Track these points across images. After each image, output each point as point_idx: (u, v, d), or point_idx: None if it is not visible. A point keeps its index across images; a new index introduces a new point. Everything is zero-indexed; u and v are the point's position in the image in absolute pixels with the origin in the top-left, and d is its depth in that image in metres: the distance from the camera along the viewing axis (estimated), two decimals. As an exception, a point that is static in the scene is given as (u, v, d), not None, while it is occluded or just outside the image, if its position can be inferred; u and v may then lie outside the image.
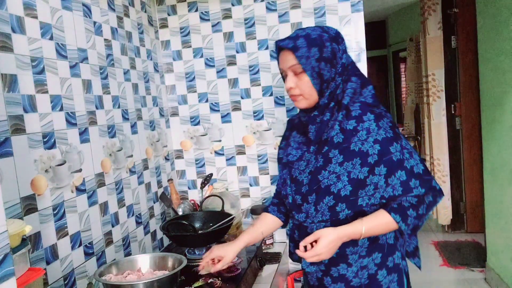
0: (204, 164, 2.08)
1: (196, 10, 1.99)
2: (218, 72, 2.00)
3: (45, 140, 1.16)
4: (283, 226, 1.36)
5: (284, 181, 1.23)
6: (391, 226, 1.08)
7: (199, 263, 1.32)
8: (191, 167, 2.09)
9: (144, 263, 1.28)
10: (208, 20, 1.98)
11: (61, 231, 1.21)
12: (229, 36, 1.97)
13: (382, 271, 1.14)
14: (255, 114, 1.99)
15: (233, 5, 1.94)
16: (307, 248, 1.08)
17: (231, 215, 1.58)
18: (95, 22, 1.45)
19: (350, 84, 1.14)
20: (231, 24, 1.96)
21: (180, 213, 1.81)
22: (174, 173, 2.09)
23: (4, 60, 1.03)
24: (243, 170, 2.04)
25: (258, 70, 1.96)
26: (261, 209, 1.89)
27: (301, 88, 1.12)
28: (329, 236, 1.06)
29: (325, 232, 1.07)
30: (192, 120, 2.06)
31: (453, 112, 3.64)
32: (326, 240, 1.05)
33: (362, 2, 1.81)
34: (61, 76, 1.25)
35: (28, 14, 1.12)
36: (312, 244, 1.08)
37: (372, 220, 1.08)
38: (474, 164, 3.55)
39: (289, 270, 1.98)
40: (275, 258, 1.74)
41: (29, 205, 1.08)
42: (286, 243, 1.98)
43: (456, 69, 3.58)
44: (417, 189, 1.07)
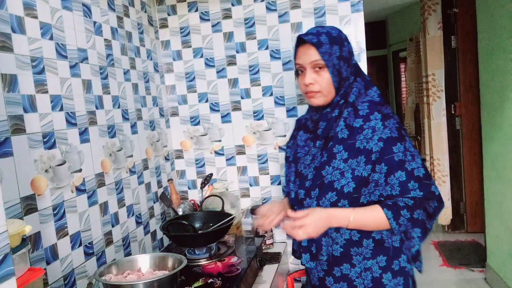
0: (204, 164, 2.08)
1: (196, 10, 1.99)
2: (218, 72, 2.00)
3: (45, 140, 1.16)
4: None
5: (289, 179, 1.25)
6: (382, 223, 1.08)
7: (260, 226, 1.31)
8: (191, 167, 2.09)
9: (144, 263, 1.28)
10: (208, 20, 1.98)
11: (61, 231, 1.21)
12: (229, 36, 1.97)
13: (387, 275, 1.13)
14: (255, 114, 1.99)
15: (233, 5, 1.94)
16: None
17: (231, 215, 1.58)
18: (95, 22, 1.45)
19: (356, 84, 1.17)
20: (231, 24, 1.96)
21: (180, 213, 1.81)
22: (174, 173, 2.09)
23: (4, 60, 1.03)
24: (243, 170, 2.04)
25: (258, 70, 1.96)
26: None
27: (321, 85, 1.14)
28: (319, 212, 1.08)
29: (315, 209, 1.09)
30: (192, 120, 2.06)
31: (453, 112, 3.64)
32: (315, 214, 1.07)
33: (362, 2, 1.81)
34: (61, 76, 1.25)
35: (28, 14, 1.12)
36: None
37: (363, 212, 1.09)
38: (474, 164, 3.55)
39: (289, 270, 1.98)
40: (275, 258, 1.74)
41: (29, 205, 1.08)
42: (286, 243, 1.99)
43: (456, 69, 3.58)
44: (415, 191, 1.07)
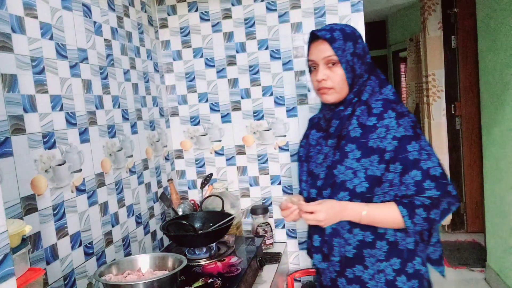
0: (204, 164, 2.08)
1: (196, 10, 1.99)
2: (218, 72, 2.00)
3: (45, 140, 1.16)
4: None
5: (301, 178, 1.24)
6: (396, 220, 1.06)
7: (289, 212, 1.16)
8: (191, 167, 2.09)
9: (144, 263, 1.28)
10: (208, 20, 1.98)
11: (61, 231, 1.21)
12: (229, 36, 1.97)
13: (402, 278, 1.11)
14: (255, 114, 1.99)
15: (233, 5, 1.94)
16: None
17: (231, 215, 1.58)
18: (95, 22, 1.45)
19: (370, 82, 1.15)
20: (231, 24, 1.96)
21: (180, 213, 1.81)
22: (174, 173, 2.09)
23: (4, 60, 1.03)
24: (243, 170, 2.04)
25: (258, 70, 1.96)
26: (261, 209, 1.90)
27: (334, 81, 1.12)
28: (332, 202, 1.08)
29: (330, 199, 1.09)
30: (192, 120, 2.06)
31: (453, 112, 3.64)
32: (328, 204, 1.07)
33: (362, 2, 1.81)
34: (61, 76, 1.25)
35: (28, 14, 1.12)
36: None
37: (377, 207, 1.07)
38: (474, 164, 3.55)
39: (289, 270, 1.98)
40: (275, 258, 1.74)
41: (29, 205, 1.08)
42: (286, 243, 1.99)
43: (456, 69, 3.58)
44: (431, 191, 1.05)
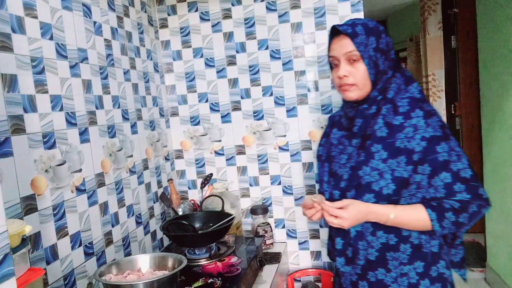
0: (204, 164, 2.08)
1: (196, 10, 1.99)
2: (218, 72, 2.00)
3: (45, 140, 1.16)
4: None
5: (322, 179, 1.20)
6: (424, 223, 1.03)
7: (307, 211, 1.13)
8: (191, 167, 2.09)
9: (144, 263, 1.28)
10: (208, 20, 1.98)
11: (61, 231, 1.21)
12: (229, 36, 1.97)
13: (425, 281, 1.08)
14: (255, 114, 1.99)
15: (233, 5, 1.94)
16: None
17: (231, 215, 1.58)
18: (95, 22, 1.45)
19: (394, 80, 1.11)
20: (231, 24, 1.96)
21: (180, 213, 1.81)
22: (174, 173, 2.09)
23: (4, 60, 1.03)
24: (243, 170, 2.04)
25: (258, 70, 1.96)
26: (261, 209, 1.90)
27: (356, 77, 1.08)
28: (359, 206, 1.04)
29: (356, 202, 1.05)
30: (192, 120, 2.06)
31: (453, 112, 3.64)
32: (355, 208, 1.03)
33: (362, 2, 1.81)
34: (61, 76, 1.25)
35: (28, 14, 1.12)
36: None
37: (404, 210, 1.04)
38: (474, 164, 3.49)
39: (289, 270, 1.98)
40: (275, 258, 1.74)
41: (29, 205, 1.08)
42: (286, 243, 1.99)
43: (456, 69, 3.58)
44: (462, 194, 1.01)
